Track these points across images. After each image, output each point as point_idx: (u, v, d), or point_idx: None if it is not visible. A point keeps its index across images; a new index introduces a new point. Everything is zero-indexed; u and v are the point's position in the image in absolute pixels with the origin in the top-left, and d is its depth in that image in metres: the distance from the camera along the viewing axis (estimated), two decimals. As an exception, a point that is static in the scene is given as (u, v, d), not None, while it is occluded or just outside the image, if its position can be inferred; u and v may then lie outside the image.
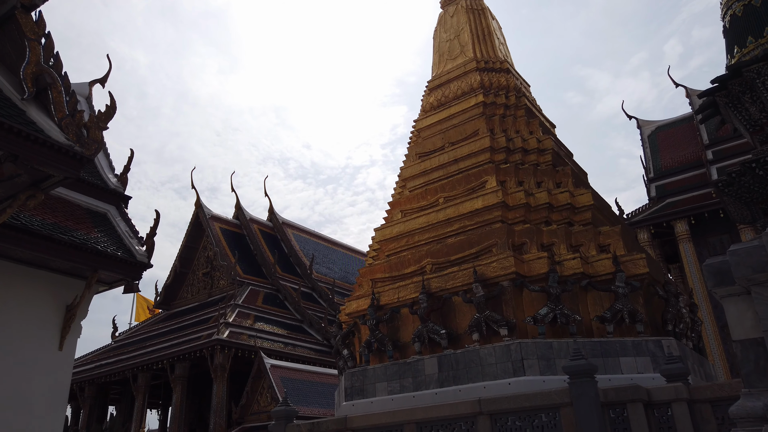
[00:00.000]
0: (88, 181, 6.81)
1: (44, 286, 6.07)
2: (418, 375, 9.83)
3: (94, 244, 6.08)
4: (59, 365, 5.97)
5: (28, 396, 5.67)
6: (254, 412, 22.85)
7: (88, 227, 6.39)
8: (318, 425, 9.46)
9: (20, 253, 5.71)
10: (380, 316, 10.79)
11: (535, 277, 9.68)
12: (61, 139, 4.52)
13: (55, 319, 6.09)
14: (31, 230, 5.54)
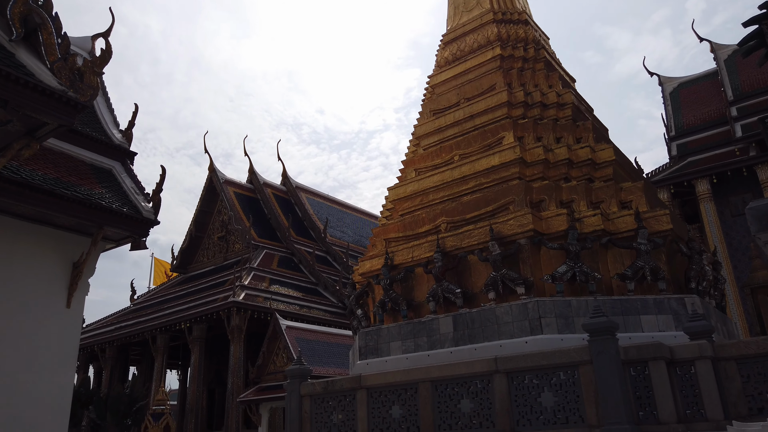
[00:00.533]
0: (91, 135, 6.59)
1: (50, 242, 5.93)
2: (432, 334, 9.70)
3: (98, 199, 5.90)
4: (67, 322, 5.87)
5: (37, 353, 5.59)
6: (270, 371, 23.15)
7: (92, 183, 6.20)
8: (332, 383, 9.41)
9: (23, 209, 5.54)
10: (394, 276, 10.62)
11: (553, 234, 9.40)
12: (54, 84, 4.29)
13: (62, 276, 5.97)
14: (32, 185, 5.36)
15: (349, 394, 9.16)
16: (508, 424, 7.51)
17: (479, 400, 7.87)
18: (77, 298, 6.07)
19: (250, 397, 22.70)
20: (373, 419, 8.77)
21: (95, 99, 5.58)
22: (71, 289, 6.00)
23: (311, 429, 9.47)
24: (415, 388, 8.49)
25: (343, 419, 9.16)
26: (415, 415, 8.38)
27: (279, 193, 46.13)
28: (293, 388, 9.85)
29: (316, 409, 9.53)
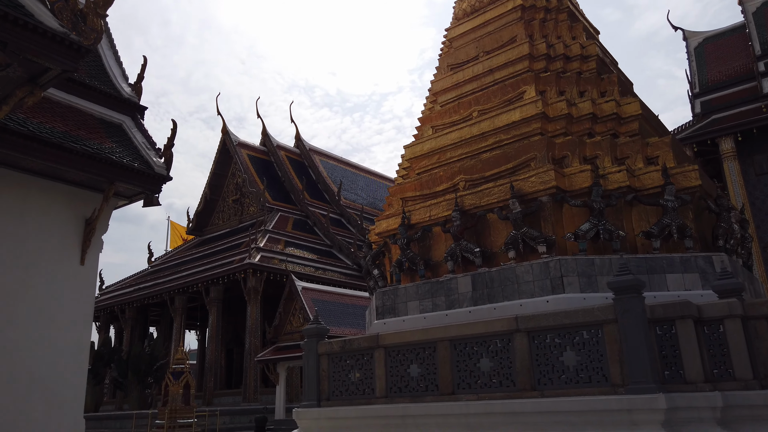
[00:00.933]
0: (99, 89, 6.37)
1: (61, 199, 5.79)
2: (451, 293, 9.56)
3: (108, 154, 5.72)
4: (82, 280, 5.78)
5: (53, 311, 5.52)
6: (287, 332, 23.38)
7: (101, 137, 6.01)
8: (350, 342, 9.35)
9: (32, 164, 5.38)
10: (411, 235, 10.43)
11: (576, 191, 9.10)
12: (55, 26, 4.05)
13: (75, 233, 5.85)
14: (40, 138, 5.18)
15: (366, 353, 9.11)
16: (529, 382, 7.40)
17: (499, 359, 7.76)
18: (91, 255, 5.96)
19: (267, 357, 23.02)
20: (391, 378, 8.73)
21: (99, 43, 5.33)
22: (84, 246, 5.89)
23: (329, 387, 9.47)
24: (433, 347, 8.40)
25: (361, 377, 9.13)
26: (433, 373, 8.31)
27: (292, 156, 45.90)
28: (310, 347, 9.83)
29: (334, 367, 9.51)
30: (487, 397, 7.67)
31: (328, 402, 9.37)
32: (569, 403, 6.94)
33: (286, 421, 22.25)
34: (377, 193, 50.49)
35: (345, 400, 9.18)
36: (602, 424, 6.70)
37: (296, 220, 39.98)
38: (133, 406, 28.92)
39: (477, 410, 7.62)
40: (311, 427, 9.39)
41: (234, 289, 31.99)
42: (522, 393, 7.41)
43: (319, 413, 9.24)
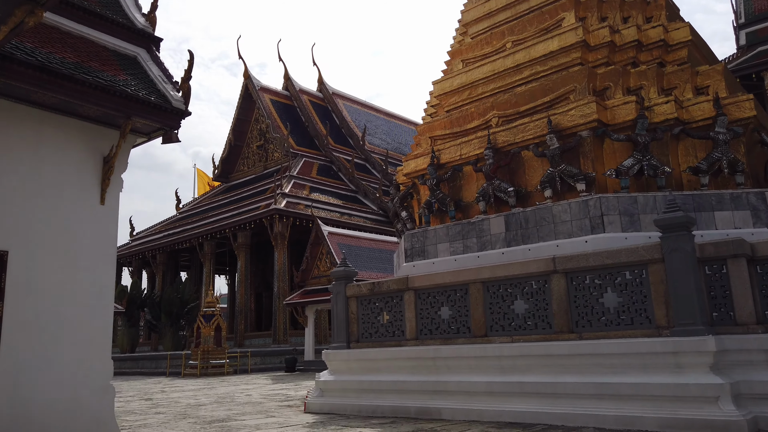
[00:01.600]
0: (111, 18, 5.98)
1: (77, 136, 5.52)
2: (483, 235, 9.21)
3: (123, 87, 5.38)
4: (103, 220, 5.57)
5: (74, 252, 5.34)
6: (314, 276, 23.50)
7: (115, 69, 5.67)
8: (379, 285, 9.16)
9: (43, 97, 5.09)
10: (441, 175, 10.02)
11: (619, 125, 8.51)
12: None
13: (93, 171, 5.61)
14: (50, 68, 4.85)
15: (396, 296, 8.92)
16: (566, 325, 7.12)
17: (534, 301, 7.47)
18: (111, 194, 5.74)
19: (295, 300, 23.26)
20: (422, 320, 8.55)
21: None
22: (104, 185, 5.65)
23: (358, 329, 9.37)
24: (465, 289, 8.14)
25: (391, 320, 8.99)
26: (465, 315, 8.10)
27: (315, 100, 45.16)
28: (339, 289, 9.68)
29: (363, 310, 9.38)
30: (521, 339, 7.44)
31: (358, 344, 9.29)
32: (609, 346, 6.66)
33: (316, 362, 22.66)
34: (402, 137, 49.68)
35: (374, 342, 9.08)
36: (644, 367, 6.42)
37: (321, 165, 39.69)
38: (167, 347, 29.86)
39: (511, 352, 7.41)
40: (341, 368, 9.35)
41: (261, 235, 32.21)
42: (559, 335, 7.15)
43: (348, 355, 9.17)
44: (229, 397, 12.37)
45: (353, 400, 8.81)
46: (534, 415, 6.93)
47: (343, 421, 7.80)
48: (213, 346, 22.32)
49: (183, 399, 12.22)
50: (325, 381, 9.37)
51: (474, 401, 7.55)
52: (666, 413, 6.08)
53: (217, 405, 10.65)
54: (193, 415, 9.17)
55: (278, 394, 12.52)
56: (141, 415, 9.31)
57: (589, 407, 6.58)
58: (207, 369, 21.74)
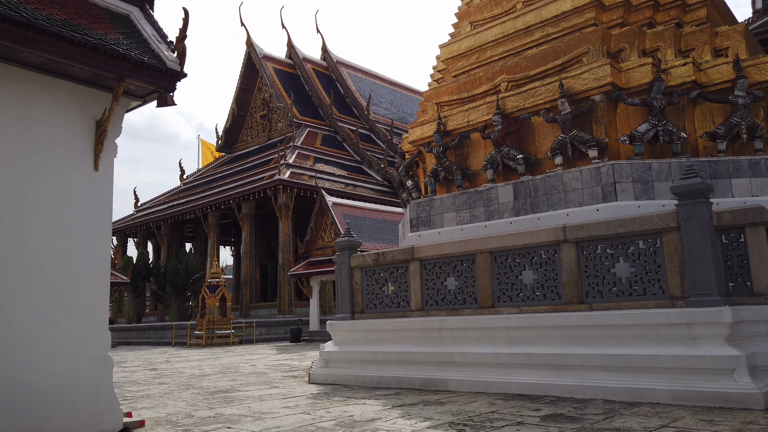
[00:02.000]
0: (100, -26, 5.66)
1: (68, 98, 5.27)
2: (490, 204, 8.97)
3: (114, 46, 5.09)
4: (97, 186, 5.36)
5: (67, 219, 5.14)
6: (319, 247, 23.39)
7: (106, 28, 5.38)
8: (384, 255, 8.97)
9: (30, 56, 4.83)
10: (448, 143, 9.73)
11: (634, 89, 8.17)
12: None
13: (85, 135, 5.37)
14: (35, 25, 4.57)
15: (401, 266, 8.74)
16: (576, 295, 6.93)
17: (543, 272, 7.26)
18: (105, 160, 5.51)
19: (300, 271, 23.21)
20: (427, 290, 8.38)
21: None
22: (97, 150, 5.42)
23: (363, 300, 9.22)
24: (472, 259, 7.94)
25: (396, 290, 8.82)
26: (472, 286, 7.91)
27: (319, 69, 44.48)
28: (343, 259, 9.50)
29: (368, 280, 9.21)
30: (529, 310, 7.26)
31: (362, 315, 9.15)
32: (621, 317, 6.46)
33: (320, 333, 22.72)
34: (407, 107, 49.05)
35: (379, 313, 8.93)
36: (657, 338, 6.23)
37: (325, 135, 39.29)
38: (172, 318, 30.03)
39: (519, 323, 7.24)
40: (345, 339, 9.23)
41: (265, 206, 32.06)
42: (568, 306, 6.96)
43: (353, 325, 9.04)
44: (233, 367, 12.35)
45: (358, 371, 8.71)
46: (542, 386, 6.79)
47: (348, 392, 7.69)
48: (218, 316, 22.37)
49: (187, 369, 12.20)
50: (329, 352, 9.27)
51: (480, 373, 7.41)
52: (679, 386, 5.91)
53: (221, 375, 10.61)
54: (196, 385, 9.10)
55: (283, 365, 12.49)
56: (144, 385, 9.26)
57: (598, 379, 6.43)
58: (212, 339, 21.83)
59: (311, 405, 6.55)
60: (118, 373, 11.88)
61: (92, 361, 5.28)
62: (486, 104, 9.30)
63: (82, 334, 5.21)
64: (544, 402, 6.22)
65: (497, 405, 6.10)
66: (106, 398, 5.34)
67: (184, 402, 7.21)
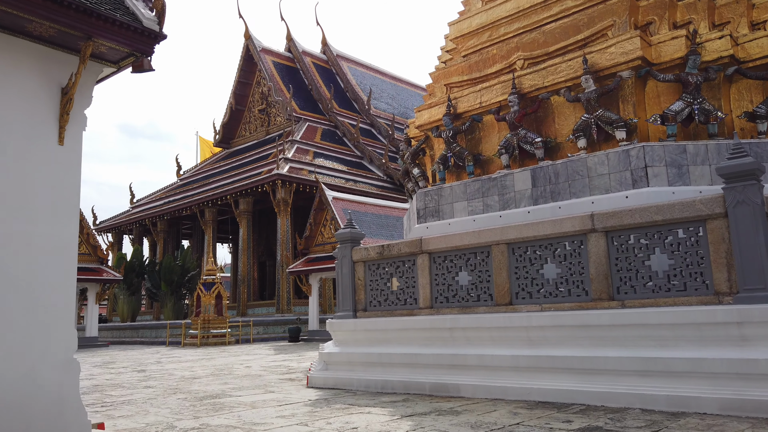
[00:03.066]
0: None
1: (27, 60, 4.54)
2: (505, 192, 8.23)
3: (78, -2, 4.34)
4: (63, 163, 4.63)
5: (27, 200, 4.43)
6: (318, 243, 22.64)
7: (71, -21, 4.62)
8: (389, 248, 8.24)
9: (-21, 9, 4.05)
10: (458, 126, 8.99)
11: (665, 64, 7.43)
12: None
13: (49, 104, 4.64)
14: (-19, -31, 3.82)
15: (408, 260, 8.00)
16: (606, 291, 6.19)
17: (568, 265, 6.53)
18: (71, 133, 4.77)
19: (299, 268, 22.46)
20: (437, 286, 7.65)
21: None
22: (62, 121, 4.68)
23: (366, 297, 8.49)
24: (487, 252, 7.20)
25: (402, 286, 8.09)
26: (486, 281, 7.18)
27: (319, 62, 43.70)
28: (344, 253, 8.77)
29: (371, 276, 8.48)
30: (552, 307, 6.53)
31: (365, 313, 8.42)
32: (658, 315, 5.73)
33: (320, 332, 21.98)
34: (409, 101, 48.27)
35: (384, 311, 8.21)
36: (701, 339, 5.50)
37: (325, 130, 38.53)
38: (168, 316, 29.27)
39: (541, 322, 6.50)
40: (347, 339, 8.50)
41: (264, 202, 31.32)
42: (597, 303, 6.22)
43: (355, 325, 8.31)
44: (227, 369, 11.61)
45: (360, 374, 7.98)
46: (568, 393, 6.06)
47: (350, 397, 6.96)
48: (214, 315, 21.63)
49: (178, 371, 11.46)
50: (329, 353, 8.53)
51: (497, 377, 6.68)
52: (728, 393, 5.18)
53: (213, 378, 9.87)
54: (184, 389, 8.37)
55: (280, 366, 11.75)
56: (128, 390, 8.52)
57: (633, 385, 5.70)
58: (207, 339, 21.09)
59: (309, 414, 5.82)
60: (104, 375, 11.14)
61: (55, 364, 4.55)
62: (500, 84, 8.57)
63: (43, 333, 4.48)
64: (574, 411, 5.49)
65: (521, 415, 5.37)
66: (72, 407, 4.61)
67: (168, 409, 6.47)
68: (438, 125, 9.32)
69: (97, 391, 8.49)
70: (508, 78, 8.46)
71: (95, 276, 22.82)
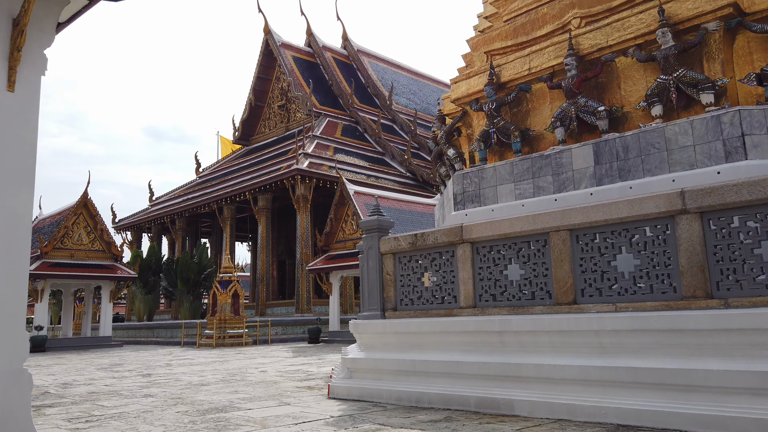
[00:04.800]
0: None
1: (-33, -17, 3.43)
2: (561, 171, 6.99)
3: None
4: (11, 114, 3.55)
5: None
6: (339, 240, 21.53)
7: None
8: (423, 237, 7.05)
9: None
10: (502, 98, 7.77)
11: (760, 13, 6.13)
12: None
13: (-5, 40, 3.52)
14: None
15: (446, 251, 6.82)
16: (702, 287, 4.93)
17: (649, 255, 5.28)
18: (26, 77, 3.71)
19: (319, 266, 21.38)
20: (481, 282, 6.44)
21: None
22: (12, 61, 3.62)
23: (396, 295, 7.32)
24: (544, 240, 5.98)
25: (439, 282, 6.90)
26: (543, 276, 5.95)
27: (339, 57, 42.71)
28: (371, 244, 7.62)
29: (402, 270, 7.31)
30: (630, 307, 5.28)
31: (395, 313, 7.26)
32: (777, 318, 4.46)
33: (341, 333, 20.88)
34: (431, 97, 47.03)
35: (417, 310, 7.03)
36: (842, 349, 4.22)
37: (345, 126, 37.50)
38: (185, 316, 28.46)
39: (615, 326, 5.26)
40: (373, 343, 7.34)
41: (283, 198, 30.38)
42: (690, 302, 4.96)
43: (383, 326, 7.14)
44: (240, 374, 10.53)
45: (390, 383, 6.81)
46: (656, 415, 4.81)
47: (380, 414, 5.80)
48: (230, 314, 20.65)
49: (186, 376, 10.41)
50: (353, 359, 7.38)
51: (561, 392, 5.45)
52: None
53: (222, 385, 8.79)
54: (188, 399, 7.28)
55: (298, 371, 10.64)
56: (124, 399, 7.47)
57: (749, 407, 4.43)
58: (223, 339, 20.12)
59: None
60: (104, 380, 10.15)
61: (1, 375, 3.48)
62: (553, 46, 7.33)
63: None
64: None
65: (604, 446, 4.14)
66: (20, 425, 3.52)
67: (162, 427, 5.37)
68: (478, 97, 8.12)
69: (89, 400, 7.45)
70: (562, 39, 7.22)
71: (109, 273, 22.03)
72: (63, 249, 21.45)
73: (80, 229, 22.03)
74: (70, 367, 13.12)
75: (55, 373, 11.70)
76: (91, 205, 22.42)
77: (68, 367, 13.35)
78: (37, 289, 20.46)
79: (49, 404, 7.14)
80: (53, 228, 22.09)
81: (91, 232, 22.27)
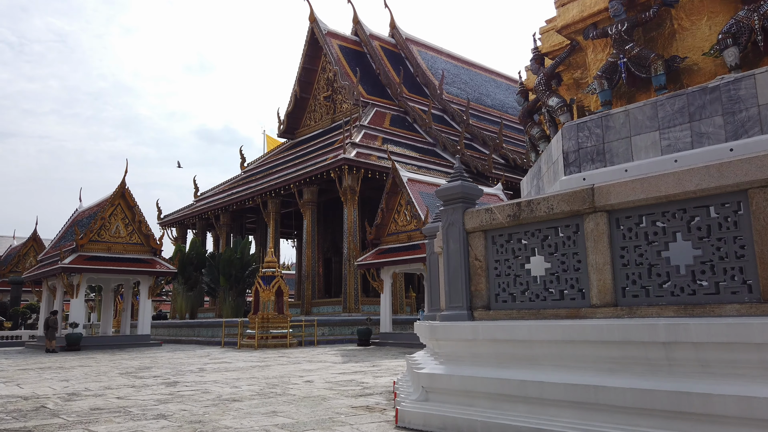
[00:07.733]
0: None
1: None
2: (738, 109, 4.80)
3: None
4: None
5: None
6: (391, 232, 19.56)
7: None
8: (530, 207, 5.00)
9: None
10: (634, 17, 5.62)
11: None
12: None
13: None
14: None
15: (566, 225, 4.75)
16: None
17: None
18: None
19: (368, 261, 19.48)
20: (625, 268, 4.36)
21: None
22: None
23: (489, 288, 5.29)
24: (736, 203, 3.86)
25: (554, 270, 4.83)
26: (736, 258, 3.83)
27: (387, 46, 40.85)
28: (452, 219, 5.61)
29: (498, 254, 5.27)
30: None
31: (489, 313, 5.22)
32: None
33: (393, 335, 18.94)
34: (484, 87, 44.64)
35: (523, 309, 4.98)
36: None
37: (393, 116, 35.60)
38: (227, 314, 27.11)
39: None
40: (459, 353, 5.33)
41: (329, 191, 28.72)
42: None
43: (474, 332, 5.11)
44: (281, 384, 8.71)
45: (488, 412, 4.79)
46: None
47: (485, 467, 3.76)
48: (273, 312, 19.00)
49: (217, 386, 8.65)
50: (431, 375, 5.38)
51: (795, 446, 3.31)
52: None
53: (257, 401, 6.94)
54: (209, 424, 5.44)
55: (350, 382, 8.74)
56: (128, 422, 5.69)
57: None
58: (266, 340, 18.48)
59: None
60: (121, 389, 8.49)
61: None
62: (717, -65, 5.14)
63: None
64: None
65: None
66: None
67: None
68: (596, 21, 5.99)
69: (85, 420, 5.72)
70: None
71: (147, 268, 20.77)
72: (100, 242, 20.31)
73: (118, 220, 20.87)
74: (91, 371, 11.63)
75: (70, 378, 10.18)
76: (129, 196, 21.24)
77: (90, 370, 11.88)
78: (73, 284, 19.34)
79: (30, 428, 5.43)
80: (90, 220, 21.02)
81: (129, 224, 21.09)
